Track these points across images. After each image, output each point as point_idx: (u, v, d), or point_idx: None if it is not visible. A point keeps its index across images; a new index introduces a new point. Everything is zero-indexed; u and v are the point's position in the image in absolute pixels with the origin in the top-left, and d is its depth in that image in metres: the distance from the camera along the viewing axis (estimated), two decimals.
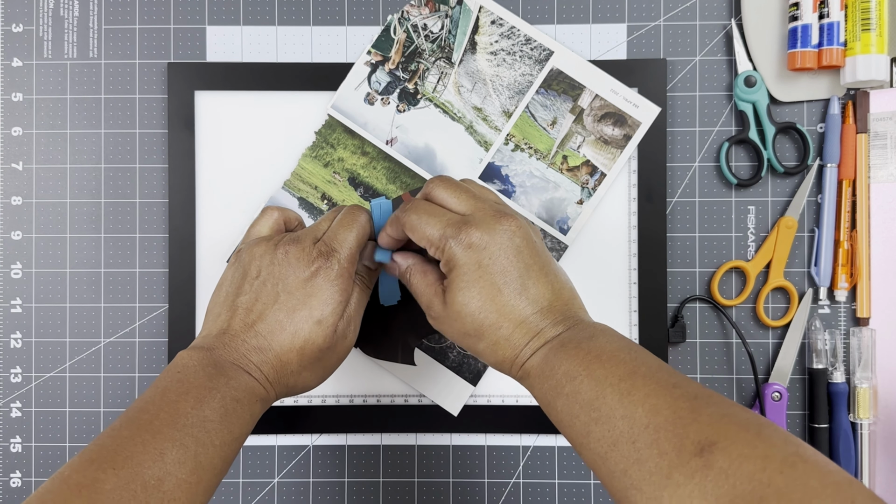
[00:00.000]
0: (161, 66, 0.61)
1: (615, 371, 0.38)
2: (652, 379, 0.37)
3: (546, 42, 0.60)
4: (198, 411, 0.40)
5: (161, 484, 0.37)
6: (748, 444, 0.32)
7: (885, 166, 0.59)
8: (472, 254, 0.42)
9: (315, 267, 0.45)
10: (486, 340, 0.42)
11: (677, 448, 0.33)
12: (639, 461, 0.34)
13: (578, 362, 0.39)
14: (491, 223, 0.42)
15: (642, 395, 0.36)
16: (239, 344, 0.44)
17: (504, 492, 0.60)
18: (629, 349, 0.39)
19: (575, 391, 0.38)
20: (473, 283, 0.42)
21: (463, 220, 0.43)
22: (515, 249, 0.42)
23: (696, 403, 0.35)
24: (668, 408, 0.35)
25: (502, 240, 0.42)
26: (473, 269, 0.42)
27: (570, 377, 0.39)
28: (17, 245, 0.61)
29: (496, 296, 0.42)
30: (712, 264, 0.60)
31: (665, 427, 0.34)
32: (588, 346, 0.40)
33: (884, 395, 0.59)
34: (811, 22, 0.57)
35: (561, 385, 0.39)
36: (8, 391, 0.61)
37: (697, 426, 0.33)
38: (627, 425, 0.35)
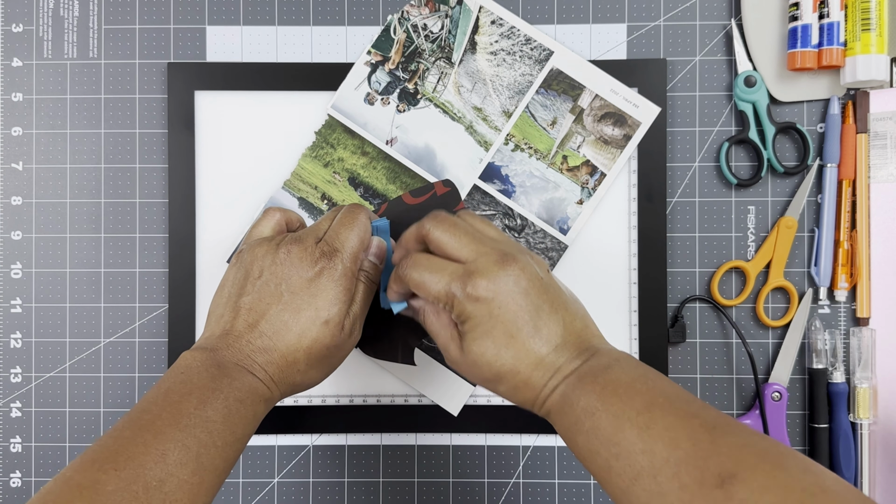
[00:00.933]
0: (161, 66, 0.61)
1: (632, 404, 0.37)
2: (670, 410, 0.37)
3: (546, 42, 0.60)
4: (201, 412, 0.40)
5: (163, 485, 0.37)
6: (768, 475, 0.32)
7: (885, 166, 0.59)
8: (482, 306, 0.41)
9: (319, 267, 0.45)
10: (506, 385, 0.42)
11: (698, 481, 0.33)
12: (661, 494, 0.34)
13: (596, 397, 0.39)
14: (495, 270, 0.41)
15: (661, 427, 0.36)
16: (243, 345, 0.44)
17: (504, 492, 0.60)
18: (646, 379, 0.39)
19: (594, 427, 0.38)
20: (487, 334, 0.41)
21: (466, 272, 0.42)
22: (523, 293, 0.41)
23: (716, 434, 0.35)
24: (688, 440, 0.35)
25: (509, 286, 0.41)
26: (485, 321, 0.41)
27: (589, 413, 0.38)
28: (17, 245, 0.61)
29: (510, 342, 0.41)
30: (712, 264, 0.60)
31: (685, 460, 0.34)
32: (604, 378, 0.39)
33: (883, 395, 0.59)
34: (811, 22, 0.57)
35: (580, 422, 0.39)
36: (8, 391, 0.61)
37: (717, 458, 0.33)
38: (648, 460, 0.35)
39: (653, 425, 0.36)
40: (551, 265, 0.59)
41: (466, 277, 0.42)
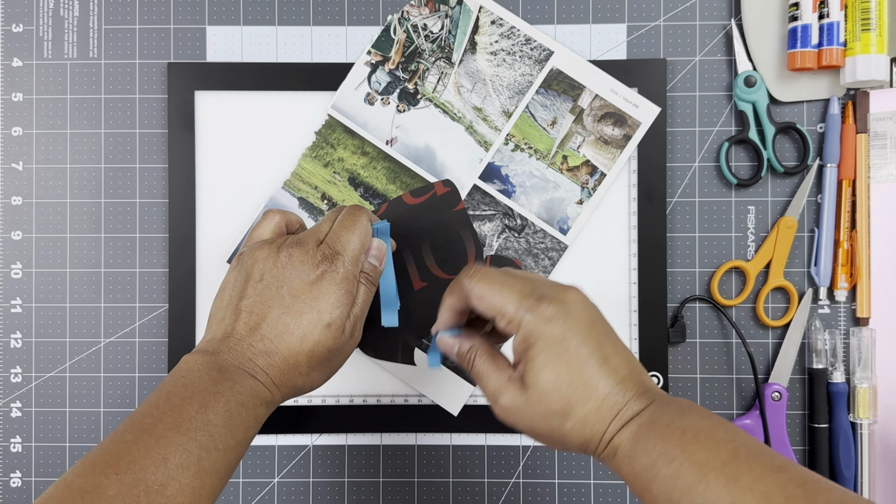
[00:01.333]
0: (161, 66, 0.61)
1: (716, 454, 0.36)
2: (756, 462, 0.35)
3: (546, 42, 0.60)
4: (202, 416, 0.40)
5: (164, 489, 0.37)
6: None
7: (885, 166, 0.59)
8: (553, 327, 0.40)
9: (320, 270, 0.45)
10: (574, 417, 0.39)
11: None
12: None
13: (675, 444, 0.37)
14: (560, 294, 0.41)
15: (750, 480, 0.34)
16: (245, 348, 0.44)
17: (504, 492, 0.60)
18: (724, 427, 0.37)
19: (674, 475, 0.36)
20: (559, 357, 0.39)
21: (536, 294, 0.40)
22: (590, 320, 0.41)
23: (808, 490, 0.33)
24: (780, 495, 0.33)
25: (577, 310, 0.40)
26: (557, 343, 0.39)
27: (668, 459, 0.36)
28: (17, 245, 0.61)
29: (582, 368, 0.39)
30: (712, 264, 0.60)
31: None
32: (681, 424, 0.38)
33: (883, 395, 0.59)
34: (811, 22, 0.58)
35: (657, 467, 0.37)
36: (8, 391, 0.61)
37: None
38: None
39: (741, 477, 0.34)
40: (551, 265, 0.59)
41: (538, 298, 0.40)
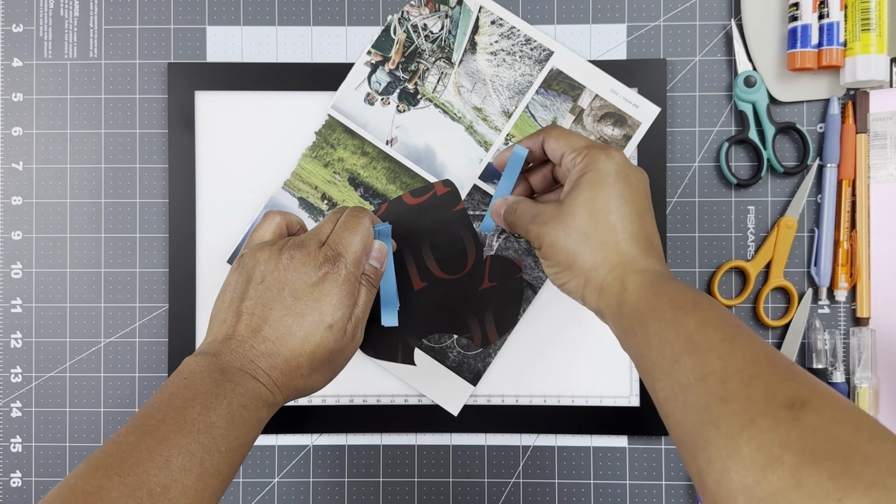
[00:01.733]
0: (161, 66, 0.61)
1: (723, 318, 0.38)
2: (757, 339, 0.37)
3: (546, 42, 0.60)
4: (204, 417, 0.40)
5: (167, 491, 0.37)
6: (842, 412, 0.32)
7: (885, 166, 0.59)
8: (610, 165, 0.45)
9: (323, 272, 0.45)
10: (594, 240, 0.44)
11: (767, 398, 0.33)
12: (724, 399, 0.34)
13: (689, 298, 0.40)
14: (622, 159, 0.46)
15: (744, 344, 0.36)
16: (246, 350, 0.44)
17: (504, 492, 0.60)
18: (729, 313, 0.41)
19: (677, 320, 0.39)
20: (608, 187, 0.44)
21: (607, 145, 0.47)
22: (642, 187, 0.46)
23: (796, 369, 0.35)
24: (768, 362, 0.35)
25: (635, 174, 0.46)
26: (612, 176, 0.45)
27: (677, 306, 0.39)
28: (18, 245, 0.61)
29: (623, 206, 0.44)
30: (712, 264, 0.60)
31: (760, 376, 0.34)
32: (696, 293, 0.41)
33: (884, 395, 0.59)
34: (811, 22, 0.58)
35: (662, 309, 0.40)
36: (8, 391, 0.61)
37: (793, 384, 0.33)
38: (722, 365, 0.35)
39: (737, 339, 0.36)
40: None
41: (605, 147, 0.47)
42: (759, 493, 0.30)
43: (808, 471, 0.29)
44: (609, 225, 0.44)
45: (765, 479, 0.30)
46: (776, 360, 0.35)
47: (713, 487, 0.33)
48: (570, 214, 0.45)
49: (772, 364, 0.35)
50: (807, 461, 0.29)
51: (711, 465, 0.33)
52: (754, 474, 0.31)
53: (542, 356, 0.60)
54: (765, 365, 0.35)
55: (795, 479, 0.29)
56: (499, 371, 0.60)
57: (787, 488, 0.29)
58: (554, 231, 0.45)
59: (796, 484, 0.29)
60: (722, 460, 0.32)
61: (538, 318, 0.59)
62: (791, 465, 0.30)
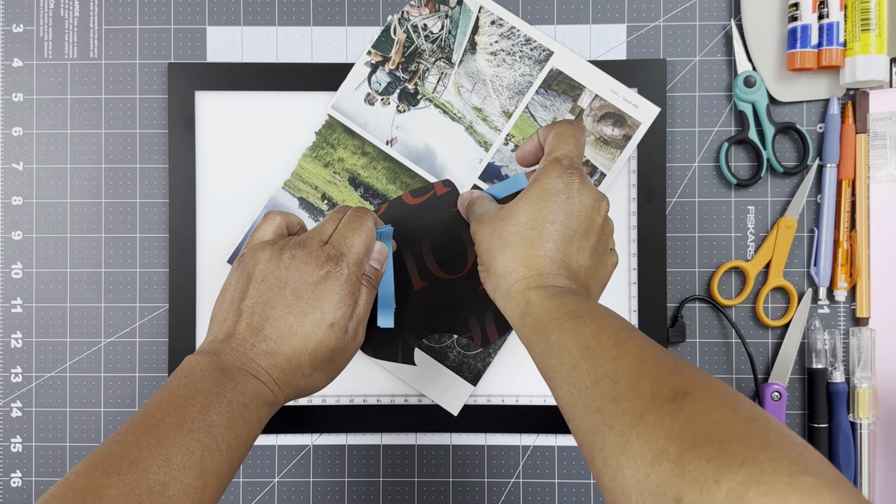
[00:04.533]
0: (161, 66, 0.61)
1: (617, 324, 0.40)
2: (646, 340, 0.39)
3: (546, 42, 0.60)
4: (204, 416, 0.40)
5: (166, 489, 0.37)
6: (719, 398, 0.33)
7: (885, 166, 0.59)
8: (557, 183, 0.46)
9: (325, 271, 0.45)
10: (511, 250, 0.46)
11: (653, 393, 0.34)
12: (616, 400, 0.35)
13: (586, 309, 0.41)
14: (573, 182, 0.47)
15: (634, 345, 0.38)
16: (247, 348, 0.44)
17: (504, 491, 0.60)
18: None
19: (575, 328, 0.40)
20: (542, 203, 0.46)
21: (581, 169, 0.48)
22: (583, 213, 0.46)
23: (680, 364, 0.37)
24: (654, 360, 0.37)
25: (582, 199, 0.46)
26: (551, 193, 0.46)
27: (575, 315, 0.41)
28: (18, 245, 0.61)
29: (549, 224, 0.45)
30: (712, 264, 0.60)
31: (647, 374, 0.36)
32: (595, 304, 0.43)
33: (883, 394, 0.59)
34: (811, 22, 0.58)
35: (562, 319, 0.41)
36: (8, 391, 0.61)
37: (676, 378, 0.35)
38: (614, 367, 0.37)
39: (628, 342, 0.38)
40: None
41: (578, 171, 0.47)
42: (648, 486, 0.31)
43: (689, 457, 0.30)
44: (528, 240, 0.45)
45: (653, 472, 0.31)
46: (662, 358, 0.37)
47: (609, 486, 0.34)
48: (500, 220, 0.47)
49: (658, 361, 0.36)
50: (688, 449, 0.31)
51: (607, 464, 0.34)
52: (644, 468, 0.32)
53: None
54: (652, 363, 0.36)
55: (679, 467, 0.30)
56: (499, 371, 0.60)
57: (672, 477, 0.30)
58: (484, 230, 0.48)
59: (680, 472, 0.30)
60: (616, 458, 0.33)
61: None
62: (674, 455, 0.31)
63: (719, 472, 0.29)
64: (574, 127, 0.49)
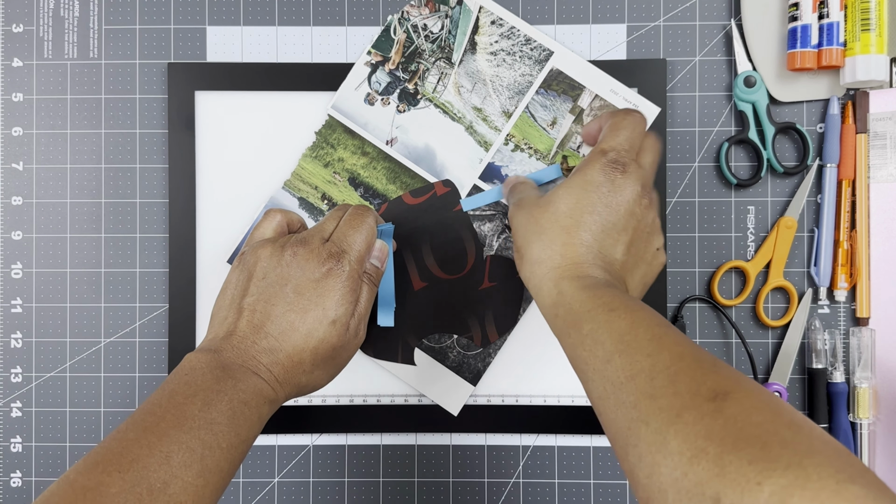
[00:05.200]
0: (161, 66, 0.61)
1: (652, 319, 0.40)
2: (683, 337, 0.38)
3: (546, 42, 0.60)
4: (205, 414, 0.40)
5: (167, 487, 0.37)
6: (761, 401, 0.33)
7: (885, 166, 0.59)
8: (600, 175, 0.46)
9: (326, 268, 0.45)
10: (546, 237, 0.45)
11: (692, 392, 0.34)
12: (652, 396, 0.35)
13: (621, 302, 0.41)
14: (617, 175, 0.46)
15: (671, 342, 0.37)
16: (248, 346, 0.44)
17: (504, 492, 0.60)
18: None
19: (609, 321, 0.40)
20: (582, 192, 0.46)
21: (632, 162, 0.47)
22: (624, 206, 0.46)
23: (718, 364, 0.36)
24: (692, 358, 0.36)
25: (623, 193, 0.46)
26: (592, 184, 0.46)
27: (609, 308, 0.40)
28: (18, 245, 0.61)
29: (587, 214, 0.45)
30: (712, 264, 0.60)
31: (685, 371, 0.35)
32: (629, 297, 0.42)
33: (883, 394, 0.59)
34: (811, 22, 0.58)
35: (596, 311, 0.41)
36: (8, 391, 0.61)
37: (716, 377, 0.34)
38: (650, 363, 0.36)
39: (665, 338, 0.38)
40: None
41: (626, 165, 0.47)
42: (686, 484, 0.31)
43: (729, 458, 0.30)
44: (565, 228, 0.45)
45: (691, 471, 0.31)
46: (700, 356, 0.36)
47: (645, 483, 0.33)
48: (539, 206, 0.47)
49: (696, 360, 0.36)
50: (728, 449, 0.30)
51: (642, 460, 0.34)
52: (682, 467, 0.31)
53: (541, 356, 0.60)
54: (690, 361, 0.36)
55: (718, 467, 0.30)
56: (499, 371, 0.60)
57: (712, 477, 0.30)
58: (521, 216, 0.47)
59: (720, 472, 0.30)
60: (652, 455, 0.33)
61: (538, 317, 0.59)
62: (714, 455, 0.30)
63: (762, 475, 0.28)
64: (631, 118, 0.48)
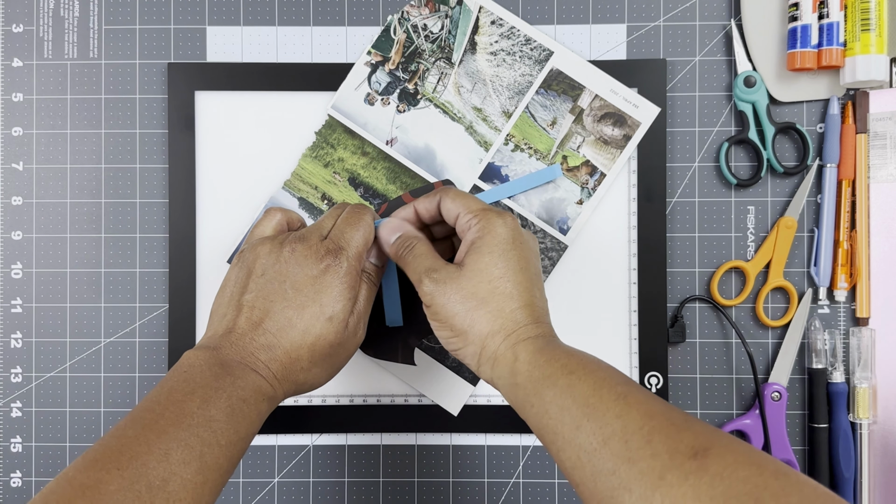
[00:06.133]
0: (161, 66, 0.61)
1: (613, 376, 0.39)
2: (648, 394, 0.38)
3: (546, 42, 0.60)
4: (204, 411, 0.40)
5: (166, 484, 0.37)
6: (742, 454, 0.32)
7: (885, 166, 0.59)
8: (509, 232, 0.45)
9: (324, 265, 0.45)
10: (491, 307, 0.43)
11: (671, 451, 0.33)
12: (630, 460, 0.34)
13: (577, 361, 0.40)
14: (517, 225, 0.46)
15: (637, 400, 0.37)
16: (247, 342, 0.44)
17: (504, 492, 0.60)
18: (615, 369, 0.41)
19: (571, 385, 0.39)
20: (505, 253, 0.44)
21: (501, 210, 0.47)
22: (534, 254, 0.46)
23: (689, 417, 0.36)
24: (663, 415, 0.36)
25: (528, 241, 0.46)
26: (509, 242, 0.45)
27: (568, 371, 0.40)
28: (18, 245, 0.61)
29: (519, 273, 0.44)
30: (712, 264, 0.60)
31: (659, 430, 0.35)
32: (584, 355, 0.42)
33: (883, 395, 0.59)
34: (811, 22, 0.58)
35: (556, 376, 0.40)
36: (8, 391, 0.61)
37: (691, 433, 0.34)
38: (621, 424, 0.36)
39: (630, 396, 0.37)
40: (551, 265, 0.59)
41: (500, 213, 0.46)
42: None
43: None
44: (506, 293, 0.44)
45: None
46: (670, 413, 0.36)
47: None
48: (469, 279, 0.44)
49: (666, 417, 0.35)
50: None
51: None
52: None
53: None
54: (661, 419, 0.35)
55: None
56: None
57: None
58: (450, 292, 0.44)
59: None
60: None
61: None
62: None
63: None
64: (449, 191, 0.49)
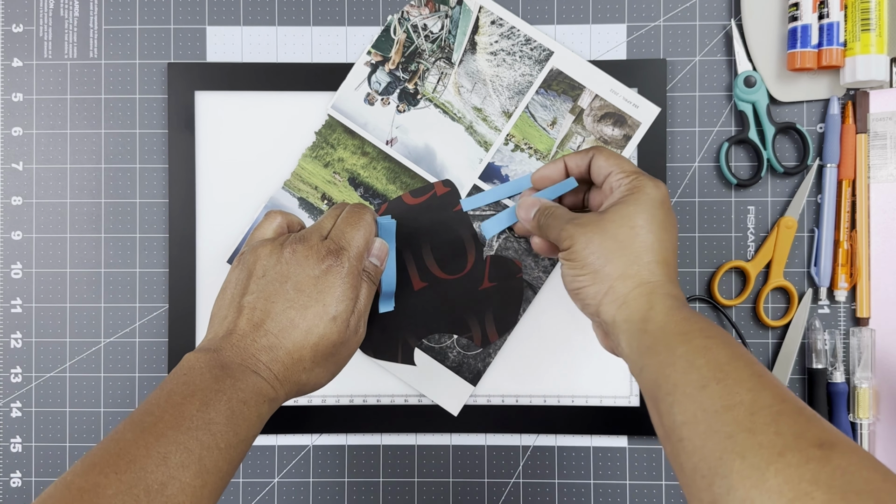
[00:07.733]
0: (161, 66, 0.61)
1: (751, 358, 0.39)
2: (783, 384, 0.38)
3: (546, 42, 0.60)
4: (203, 414, 0.39)
5: (164, 488, 0.36)
6: (867, 459, 0.32)
7: (885, 166, 0.59)
8: (660, 194, 0.46)
9: (326, 265, 0.45)
10: (627, 252, 0.45)
11: (796, 434, 0.33)
12: (751, 431, 0.34)
13: (717, 332, 0.41)
14: (667, 193, 0.48)
15: (772, 383, 0.37)
16: (248, 344, 0.43)
17: (504, 492, 0.60)
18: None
19: (707, 347, 0.39)
20: (652, 209, 0.45)
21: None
22: (675, 227, 0.47)
23: (818, 415, 0.36)
24: (794, 403, 0.36)
25: (673, 214, 0.47)
26: (657, 203, 0.46)
27: (706, 335, 0.40)
28: (18, 245, 0.61)
29: (661, 231, 0.45)
30: (712, 264, 0.60)
31: (788, 414, 0.35)
32: (725, 332, 0.42)
33: (884, 395, 0.59)
34: (811, 22, 0.58)
35: (692, 334, 0.40)
36: (8, 391, 0.61)
37: (820, 427, 0.34)
38: (751, 398, 0.36)
39: (765, 377, 0.37)
40: (552, 265, 0.59)
41: (648, 175, 0.48)
42: None
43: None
44: (646, 244, 0.45)
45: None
46: (801, 405, 0.36)
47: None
48: (612, 223, 0.45)
49: (798, 406, 0.35)
50: (837, 499, 0.30)
51: (732, 493, 0.33)
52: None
53: (541, 356, 0.60)
54: (792, 405, 0.35)
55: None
56: (499, 371, 0.60)
57: None
58: (591, 233, 0.46)
59: None
60: (746, 490, 0.33)
61: (538, 318, 0.59)
62: (821, 501, 0.30)
63: None
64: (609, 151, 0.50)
